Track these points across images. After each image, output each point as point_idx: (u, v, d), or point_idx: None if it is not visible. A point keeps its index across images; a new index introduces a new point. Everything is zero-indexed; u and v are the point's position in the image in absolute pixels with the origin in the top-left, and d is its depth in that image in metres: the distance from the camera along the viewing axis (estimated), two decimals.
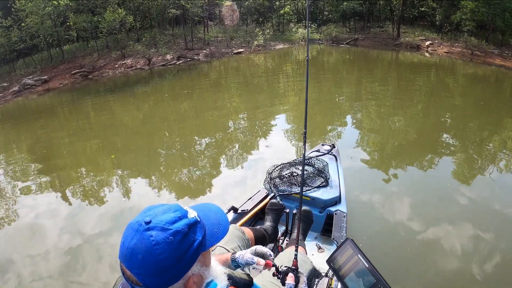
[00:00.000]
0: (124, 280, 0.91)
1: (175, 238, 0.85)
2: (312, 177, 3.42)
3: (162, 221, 0.87)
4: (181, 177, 6.39)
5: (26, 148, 8.94)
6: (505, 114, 9.85)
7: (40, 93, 17.09)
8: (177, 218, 0.89)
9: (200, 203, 1.11)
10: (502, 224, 4.48)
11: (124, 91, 15.42)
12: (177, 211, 0.91)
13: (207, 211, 1.04)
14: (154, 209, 0.91)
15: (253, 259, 1.56)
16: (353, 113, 9.81)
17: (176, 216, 0.89)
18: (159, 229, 0.85)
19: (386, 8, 29.11)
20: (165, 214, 0.89)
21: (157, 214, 0.89)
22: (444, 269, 3.66)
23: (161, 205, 0.93)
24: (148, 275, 0.85)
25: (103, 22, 21.30)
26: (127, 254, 0.85)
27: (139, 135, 9.00)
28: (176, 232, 0.86)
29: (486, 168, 6.13)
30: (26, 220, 5.28)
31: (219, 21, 30.28)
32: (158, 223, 0.86)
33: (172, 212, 0.90)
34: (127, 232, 0.88)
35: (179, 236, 0.86)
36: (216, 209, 1.08)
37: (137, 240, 0.85)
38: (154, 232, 0.84)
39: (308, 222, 2.87)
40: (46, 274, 4.01)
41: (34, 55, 22.67)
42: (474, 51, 20.52)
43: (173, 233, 0.86)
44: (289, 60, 21.66)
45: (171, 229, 0.86)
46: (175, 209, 0.92)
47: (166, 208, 0.91)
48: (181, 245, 0.87)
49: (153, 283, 0.86)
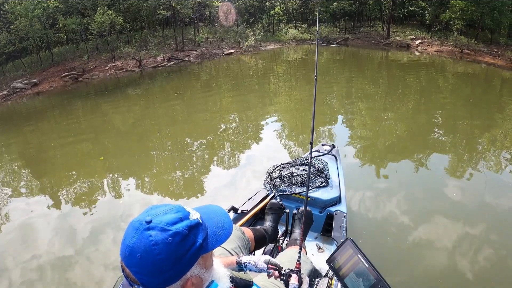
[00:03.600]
0: (124, 279, 0.91)
1: (174, 239, 0.85)
2: (312, 177, 3.42)
3: (163, 221, 0.86)
4: (174, 178, 6.34)
5: (16, 152, 8.83)
6: (495, 110, 9.98)
7: (30, 96, 16.91)
8: (178, 219, 0.88)
9: (204, 205, 1.10)
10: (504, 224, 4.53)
11: (115, 93, 15.32)
12: (179, 212, 0.90)
13: (211, 213, 1.03)
14: (156, 209, 0.91)
15: (268, 270, 1.58)
16: (346, 113, 9.84)
17: (177, 217, 0.88)
18: (159, 229, 0.84)
19: (376, 8, 29.35)
20: (167, 215, 0.88)
21: (159, 214, 0.88)
22: (445, 268, 3.67)
23: (164, 205, 0.93)
24: (146, 274, 0.84)
25: (93, 24, 21.13)
26: (126, 252, 0.85)
27: (130, 137, 8.93)
28: (176, 233, 0.85)
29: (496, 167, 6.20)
30: (17, 223, 5.21)
31: (209, 22, 30.29)
32: (158, 223, 0.85)
33: (174, 213, 0.89)
34: (128, 230, 0.88)
35: (179, 238, 0.85)
36: (219, 211, 1.07)
37: (136, 239, 0.85)
38: (153, 232, 0.84)
39: (308, 222, 2.87)
40: (37, 278, 3.97)
41: (24, 58, 22.45)
42: (464, 50, 20.75)
43: (173, 234, 0.85)
44: (280, 61, 21.70)
45: (170, 230, 0.85)
46: (177, 210, 0.91)
47: (168, 209, 0.91)
48: (180, 247, 0.86)
49: (151, 283, 0.85)
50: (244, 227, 2.44)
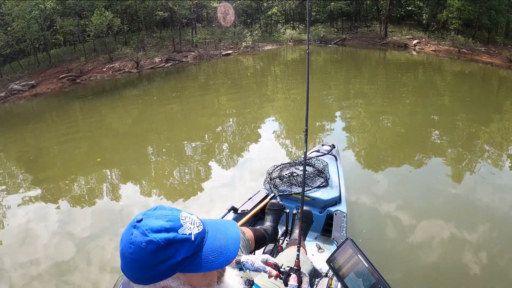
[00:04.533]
0: (124, 279, 0.91)
1: (148, 247, 0.82)
2: (312, 177, 3.41)
3: (148, 225, 0.84)
4: (172, 179, 6.32)
5: (14, 154, 8.81)
6: (493, 109, 10.00)
7: (27, 98, 16.89)
8: (163, 228, 0.84)
9: (222, 220, 1.04)
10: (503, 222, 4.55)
11: (113, 94, 15.30)
12: (171, 221, 0.86)
13: (219, 233, 0.97)
14: (156, 211, 0.89)
15: (265, 268, 1.56)
16: (345, 113, 9.82)
17: (164, 226, 0.85)
18: (141, 232, 0.83)
19: (373, 7, 29.38)
20: (156, 220, 0.85)
21: (151, 216, 0.86)
22: (445, 268, 3.66)
23: (167, 209, 0.90)
24: (124, 265, 0.85)
25: (90, 25, 21.11)
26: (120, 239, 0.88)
27: (128, 139, 8.90)
28: (151, 241, 0.82)
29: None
30: (15, 225, 5.19)
31: (207, 23, 30.26)
32: (143, 225, 0.84)
33: (165, 220, 0.86)
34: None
35: (152, 247, 0.82)
36: (230, 235, 0.98)
37: (125, 231, 0.86)
38: (136, 232, 0.84)
39: (308, 222, 2.86)
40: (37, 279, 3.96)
41: (21, 60, 22.43)
42: (461, 49, 20.78)
43: (148, 242, 0.82)
44: (277, 61, 21.70)
45: (148, 237, 0.82)
46: (170, 219, 0.87)
47: (163, 214, 0.88)
48: (152, 256, 0.82)
49: (129, 275, 0.86)
50: (244, 227, 2.43)
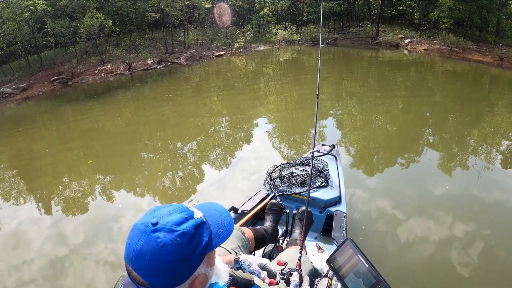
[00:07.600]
0: (126, 280, 0.90)
1: (182, 240, 0.85)
2: (312, 177, 3.41)
3: (169, 222, 0.86)
4: (166, 180, 6.29)
5: (5, 158, 8.73)
6: (484, 106, 10.11)
7: (19, 101, 16.73)
8: (183, 219, 0.88)
9: (203, 203, 1.11)
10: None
11: (105, 97, 15.21)
12: (184, 211, 0.90)
13: (212, 211, 1.04)
14: (160, 210, 0.90)
15: (260, 273, 1.53)
16: (342, 113, 9.86)
17: (182, 217, 0.88)
18: (166, 231, 0.84)
19: (365, 7, 29.55)
20: (172, 215, 0.88)
21: (164, 215, 0.88)
22: (445, 267, 3.67)
23: (167, 206, 0.92)
24: (155, 276, 0.84)
25: (82, 27, 20.93)
26: (133, 255, 0.84)
27: (121, 141, 8.85)
28: (183, 233, 0.85)
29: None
30: (7, 229, 5.14)
31: (199, 24, 30.26)
32: (165, 224, 0.85)
33: (179, 213, 0.89)
34: (133, 233, 0.87)
35: (186, 238, 0.86)
36: (220, 209, 1.08)
37: (144, 241, 0.84)
38: (161, 234, 0.84)
39: (309, 222, 2.86)
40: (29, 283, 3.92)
41: (12, 63, 22.24)
42: (453, 48, 20.96)
43: (180, 235, 0.85)
44: (270, 62, 21.72)
45: (178, 231, 0.85)
46: (181, 210, 0.90)
47: (172, 209, 0.90)
48: (188, 247, 0.86)
49: (160, 284, 0.85)
50: (244, 227, 2.43)
